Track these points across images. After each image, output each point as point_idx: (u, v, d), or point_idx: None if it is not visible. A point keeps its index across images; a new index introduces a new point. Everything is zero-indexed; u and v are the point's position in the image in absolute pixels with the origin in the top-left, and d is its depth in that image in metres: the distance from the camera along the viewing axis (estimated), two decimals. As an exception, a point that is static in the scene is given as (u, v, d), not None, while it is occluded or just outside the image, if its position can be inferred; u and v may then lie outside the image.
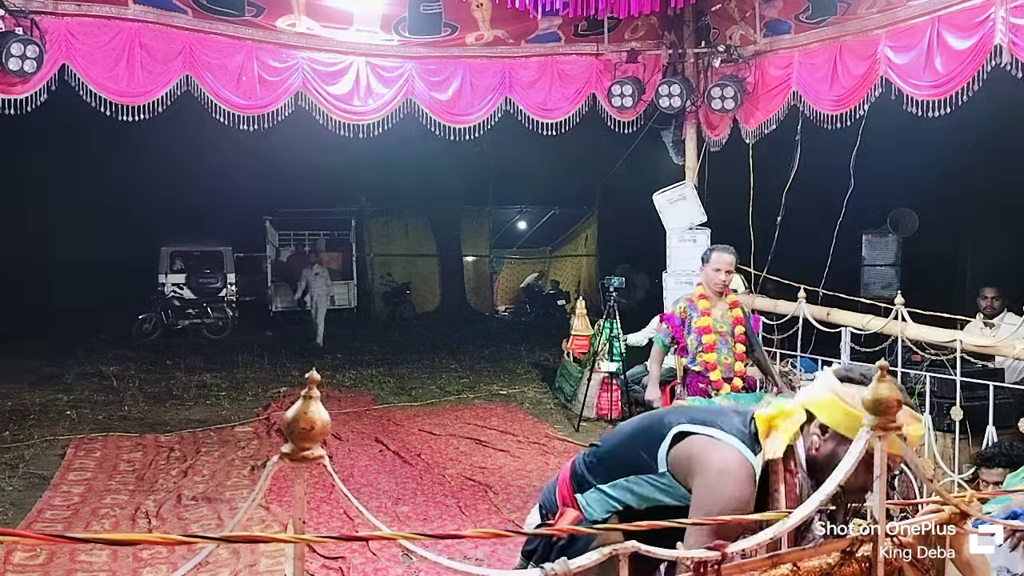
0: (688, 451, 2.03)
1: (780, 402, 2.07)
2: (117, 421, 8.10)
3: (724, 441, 2.00)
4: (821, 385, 2.02)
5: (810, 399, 2.02)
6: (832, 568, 1.70)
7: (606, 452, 2.26)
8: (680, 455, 2.04)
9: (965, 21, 5.06)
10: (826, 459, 1.95)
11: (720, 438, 2.01)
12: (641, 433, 2.19)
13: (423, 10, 6.47)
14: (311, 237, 18.58)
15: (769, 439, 1.99)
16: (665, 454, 2.06)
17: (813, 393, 2.03)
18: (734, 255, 5.13)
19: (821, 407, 1.98)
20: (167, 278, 15.40)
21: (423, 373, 11.02)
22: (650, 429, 2.16)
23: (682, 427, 2.06)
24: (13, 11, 5.44)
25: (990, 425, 4.45)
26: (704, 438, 2.02)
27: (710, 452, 1.99)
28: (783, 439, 1.97)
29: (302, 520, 1.31)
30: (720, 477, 1.95)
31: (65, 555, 4.50)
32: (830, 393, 1.96)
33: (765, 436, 2.00)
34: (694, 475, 2.00)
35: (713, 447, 2.00)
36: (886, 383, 1.66)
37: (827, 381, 2.00)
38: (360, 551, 4.58)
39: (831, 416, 1.95)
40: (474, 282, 20.16)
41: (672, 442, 2.06)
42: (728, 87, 6.56)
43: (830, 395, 1.96)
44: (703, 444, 2.01)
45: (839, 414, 1.94)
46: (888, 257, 13.04)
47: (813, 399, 2.01)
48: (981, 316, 6.19)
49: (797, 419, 1.99)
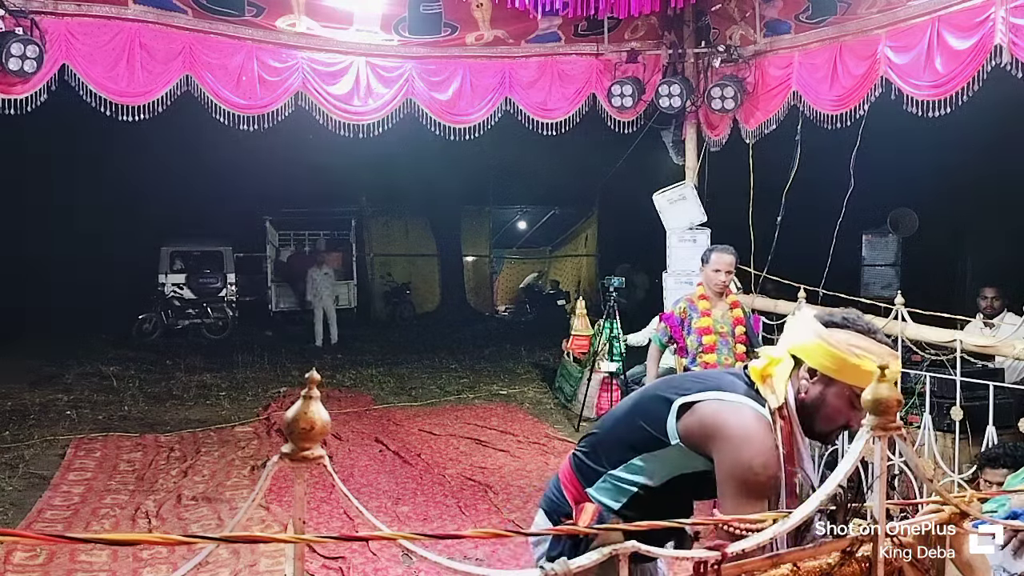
0: (700, 419, 2.01)
1: (769, 351, 2.08)
2: (117, 421, 8.10)
3: (733, 401, 2.00)
4: (805, 330, 2.04)
5: (796, 345, 2.04)
6: (832, 568, 1.70)
7: (606, 438, 2.22)
8: (692, 424, 2.02)
9: (965, 21, 5.06)
10: (815, 402, 2.02)
11: (728, 399, 2.00)
12: (640, 411, 2.15)
13: (423, 10, 6.47)
14: (311, 237, 18.59)
15: (767, 388, 2.01)
16: (675, 426, 2.04)
17: (798, 338, 2.04)
18: (734, 255, 5.13)
19: (809, 352, 2.01)
20: (167, 278, 15.41)
21: (423, 373, 11.02)
22: (650, 405, 2.13)
23: (685, 398, 2.04)
24: (13, 11, 5.44)
25: (990, 425, 4.45)
26: (713, 403, 2.01)
27: (724, 415, 1.98)
28: (781, 386, 1.99)
29: (302, 520, 1.31)
30: (743, 438, 1.94)
31: (65, 555, 4.50)
32: (816, 338, 2.00)
33: (762, 384, 2.03)
34: (714, 440, 1.98)
35: (726, 409, 1.99)
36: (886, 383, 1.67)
37: (812, 326, 2.03)
38: (360, 551, 4.58)
39: (819, 360, 1.99)
40: (474, 282, 20.16)
41: (679, 413, 2.04)
42: (728, 87, 6.56)
43: (817, 340, 1.99)
44: (714, 409, 2.00)
45: (827, 358, 1.97)
46: (888, 257, 13.06)
47: (800, 344, 2.03)
48: (981, 316, 6.20)
49: (787, 365, 2.02)
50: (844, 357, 1.94)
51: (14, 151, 13.07)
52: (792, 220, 6.66)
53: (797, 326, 2.09)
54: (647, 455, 2.08)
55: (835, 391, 1.98)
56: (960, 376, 4.66)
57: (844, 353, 1.95)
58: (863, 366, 1.93)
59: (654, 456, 2.08)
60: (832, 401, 2.00)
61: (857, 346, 1.96)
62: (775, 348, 2.10)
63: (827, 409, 2.01)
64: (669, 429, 2.04)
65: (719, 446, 1.96)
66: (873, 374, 1.91)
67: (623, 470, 2.12)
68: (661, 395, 2.11)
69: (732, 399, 2.00)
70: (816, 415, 2.01)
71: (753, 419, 1.96)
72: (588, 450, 2.24)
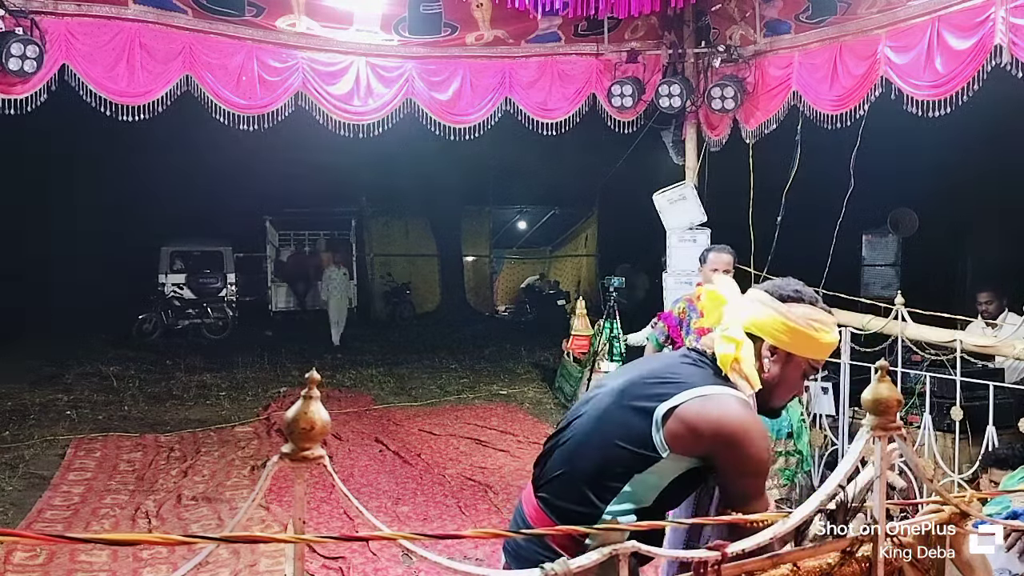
0: (686, 422, 1.88)
1: (729, 335, 1.97)
2: (117, 421, 8.11)
3: (714, 395, 1.90)
4: (760, 307, 1.99)
5: (752, 323, 1.98)
6: (832, 568, 1.70)
7: (580, 473, 1.95)
8: (678, 430, 1.88)
9: (965, 21, 5.06)
10: (773, 380, 1.99)
11: (708, 393, 1.90)
12: (613, 431, 1.94)
13: (423, 10, 6.47)
14: (311, 237, 18.60)
15: (739, 376, 1.94)
16: (661, 437, 1.89)
17: (754, 316, 1.99)
18: (732, 255, 5.12)
19: (768, 329, 1.97)
20: (167, 278, 15.42)
21: (423, 373, 11.03)
22: (624, 420, 1.94)
23: (665, 405, 1.90)
24: (13, 11, 5.44)
25: (990, 425, 4.46)
26: (695, 403, 1.89)
27: (710, 412, 1.88)
28: (753, 372, 1.95)
29: (302, 520, 1.31)
30: (742, 432, 1.86)
31: (65, 555, 4.50)
32: (775, 314, 1.97)
33: (733, 372, 1.95)
34: (709, 441, 1.87)
35: (710, 407, 1.88)
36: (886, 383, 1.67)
37: (767, 302, 1.99)
38: (360, 551, 4.58)
39: (780, 337, 1.97)
40: (474, 282, 20.16)
41: (662, 422, 1.90)
42: (728, 87, 6.56)
43: (775, 315, 1.97)
44: (699, 409, 1.88)
45: (789, 334, 1.96)
46: (888, 257, 13.05)
47: (757, 322, 1.98)
48: (982, 318, 6.20)
49: (749, 347, 1.96)
50: (804, 332, 1.95)
51: (14, 151, 13.07)
52: (792, 220, 6.66)
53: (748, 304, 2.03)
54: (636, 478, 1.91)
55: (792, 365, 1.99)
56: (960, 376, 4.66)
57: (804, 328, 1.95)
58: (822, 339, 1.96)
59: (643, 477, 1.91)
60: (790, 375, 2.00)
61: (815, 319, 1.96)
62: (731, 330, 1.99)
63: (786, 384, 2.01)
64: (656, 442, 1.89)
65: (718, 446, 1.88)
66: (829, 345, 1.99)
67: (620, 501, 1.92)
68: (633, 406, 1.94)
69: (711, 392, 1.90)
70: (775, 392, 2.01)
71: (740, 408, 1.89)
72: (565, 491, 1.97)
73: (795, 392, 2.05)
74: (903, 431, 1.71)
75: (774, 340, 1.98)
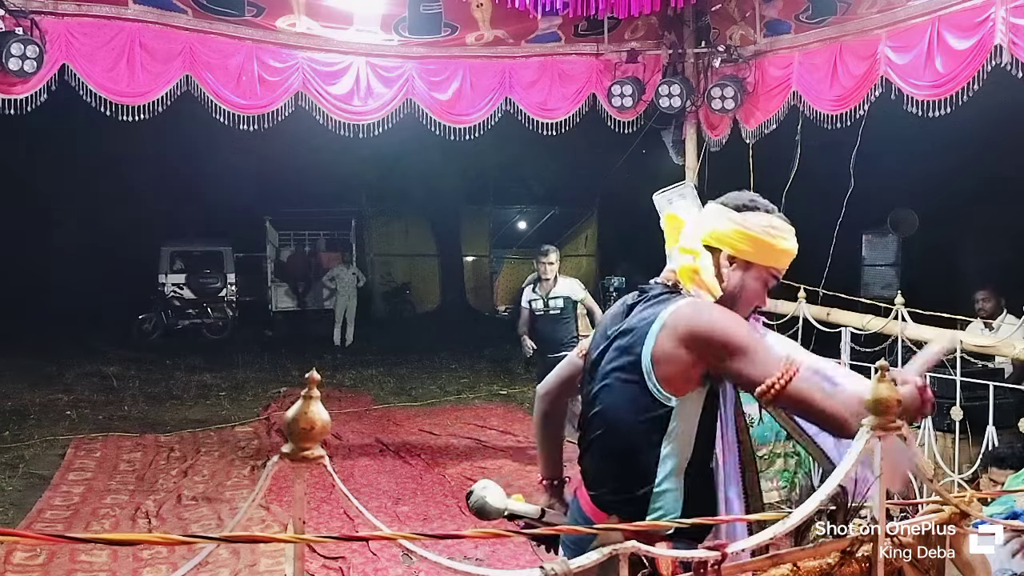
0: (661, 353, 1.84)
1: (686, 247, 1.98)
2: (117, 421, 8.11)
3: (671, 311, 1.87)
4: (715, 218, 2.00)
5: (710, 235, 1.99)
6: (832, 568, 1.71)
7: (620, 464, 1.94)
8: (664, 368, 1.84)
9: (965, 21, 5.05)
10: (734, 290, 1.99)
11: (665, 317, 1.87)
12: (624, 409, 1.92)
13: (423, 10, 6.46)
14: (311, 237, 18.58)
15: (699, 286, 1.93)
16: (659, 390, 1.86)
17: (711, 227, 1.99)
18: None
19: (726, 239, 1.98)
20: (167, 278, 15.41)
21: (423, 373, 11.03)
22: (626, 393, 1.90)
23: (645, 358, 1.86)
24: (13, 11, 5.43)
25: (990, 425, 4.46)
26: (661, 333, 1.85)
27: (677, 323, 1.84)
28: (713, 279, 1.94)
29: (302, 520, 1.31)
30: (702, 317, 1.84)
31: (65, 555, 4.50)
32: (732, 224, 1.98)
33: (693, 284, 1.94)
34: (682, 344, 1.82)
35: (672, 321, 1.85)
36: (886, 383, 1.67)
37: (725, 213, 2.00)
38: (360, 551, 4.59)
39: (738, 246, 1.98)
40: (474, 282, 20.15)
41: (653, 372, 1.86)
42: (728, 87, 6.56)
43: (733, 226, 1.98)
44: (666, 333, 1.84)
45: (746, 242, 1.97)
46: (888, 257, 13.05)
47: (714, 233, 1.99)
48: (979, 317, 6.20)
49: (707, 256, 1.97)
50: (762, 239, 1.97)
51: (14, 151, 13.08)
52: (792, 220, 6.65)
53: (705, 216, 2.04)
54: (665, 441, 1.88)
55: (753, 274, 2.00)
56: (960, 376, 4.66)
57: (761, 235, 1.97)
58: (779, 245, 1.99)
59: (671, 433, 1.87)
60: (750, 285, 2.00)
61: (771, 226, 1.99)
62: (688, 242, 2.00)
63: (746, 294, 2.00)
64: (660, 396, 1.86)
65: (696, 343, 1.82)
66: (788, 252, 2.02)
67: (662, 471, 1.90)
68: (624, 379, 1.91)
69: (668, 312, 1.87)
70: (737, 302, 1.99)
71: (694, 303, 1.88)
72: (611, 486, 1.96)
73: (757, 303, 2.04)
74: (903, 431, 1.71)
75: (732, 249, 1.98)
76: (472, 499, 2.29)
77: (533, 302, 6.88)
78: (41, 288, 15.19)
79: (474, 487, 2.31)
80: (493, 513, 2.26)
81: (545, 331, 6.83)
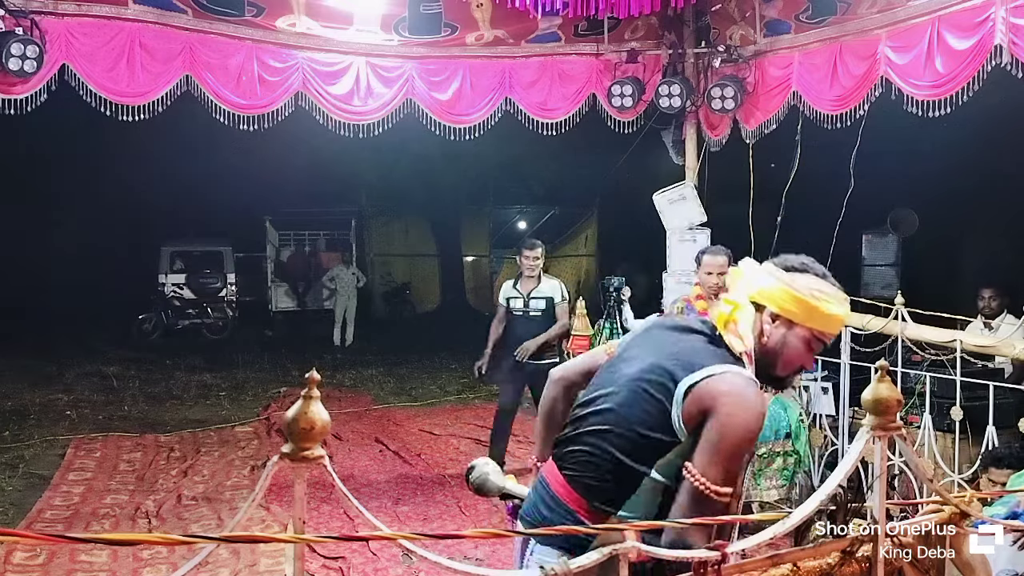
0: (698, 402, 1.89)
1: (730, 298, 2.06)
2: (117, 421, 8.11)
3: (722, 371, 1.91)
4: (766, 277, 2.06)
5: (757, 291, 2.05)
6: (832, 568, 1.71)
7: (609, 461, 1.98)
8: (691, 411, 1.90)
9: (965, 21, 5.05)
10: (776, 346, 2.03)
11: (718, 371, 1.91)
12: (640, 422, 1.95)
13: (423, 10, 6.46)
14: (311, 237, 18.58)
15: (732, 334, 2.00)
16: (680, 424, 1.91)
17: (759, 285, 2.05)
18: (727, 256, 5.13)
19: (772, 297, 2.03)
20: (167, 278, 15.42)
21: (423, 373, 11.03)
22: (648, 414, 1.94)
23: (682, 388, 1.91)
24: (13, 11, 5.43)
25: (990, 425, 4.46)
26: (707, 381, 1.89)
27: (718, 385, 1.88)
28: (748, 332, 2.00)
29: (302, 520, 1.31)
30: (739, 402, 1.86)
31: (65, 555, 4.50)
32: (780, 283, 2.02)
33: (726, 330, 2.01)
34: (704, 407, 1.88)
35: (719, 381, 1.89)
36: (886, 383, 1.67)
37: (773, 272, 2.05)
38: (360, 551, 4.59)
39: (783, 305, 2.01)
40: (474, 282, 20.15)
41: (682, 404, 1.91)
42: (728, 87, 6.55)
43: (779, 284, 2.02)
44: (708, 386, 1.89)
45: (792, 303, 2.01)
46: (888, 257, 13.04)
47: (761, 290, 2.04)
48: (981, 317, 6.20)
49: (749, 312, 2.03)
50: (807, 301, 1.99)
51: (14, 151, 13.07)
52: (792, 220, 6.66)
53: (755, 274, 2.09)
54: (660, 461, 1.93)
55: (796, 334, 2.02)
56: (960, 376, 4.66)
57: (807, 297, 1.99)
58: (824, 309, 2.00)
59: (667, 459, 1.93)
60: (793, 344, 2.03)
61: (818, 289, 2.01)
62: (734, 295, 2.07)
63: (789, 353, 2.04)
64: (676, 427, 1.91)
65: (712, 411, 1.87)
66: (835, 317, 2.03)
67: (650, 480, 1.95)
68: (652, 394, 1.95)
69: (722, 370, 1.91)
70: (778, 360, 2.04)
71: (744, 383, 1.91)
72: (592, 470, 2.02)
73: (800, 364, 2.07)
74: (903, 431, 1.71)
75: (777, 307, 2.03)
76: (474, 474, 2.40)
77: (512, 300, 6.37)
78: (41, 288, 15.18)
79: (475, 463, 2.43)
80: (492, 490, 2.39)
81: (522, 334, 6.26)
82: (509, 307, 6.38)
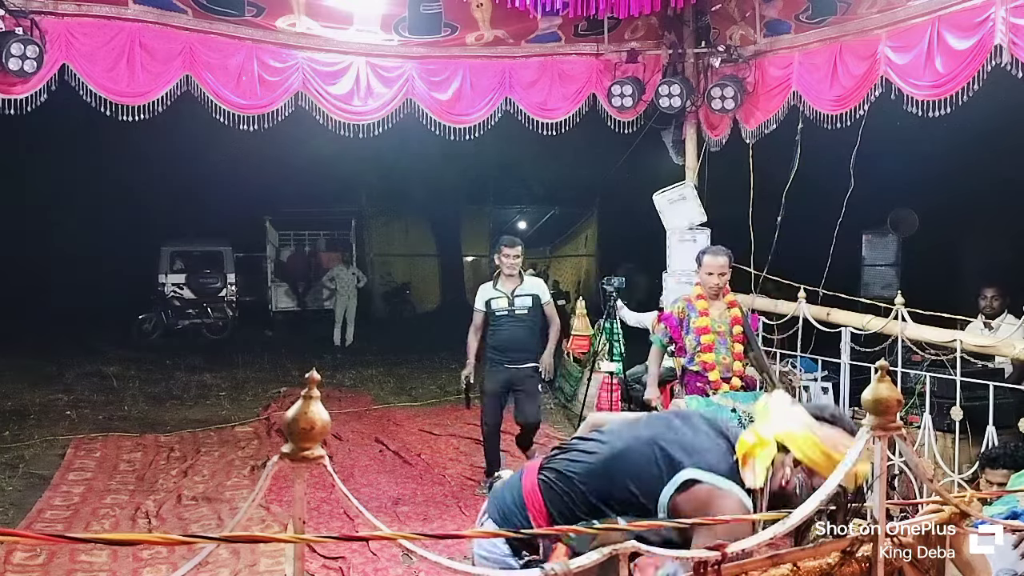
0: (694, 504, 2.02)
1: (758, 431, 2.10)
2: (117, 421, 8.10)
3: (727, 490, 2.03)
4: (795, 420, 2.09)
5: (786, 433, 2.07)
6: (832, 568, 1.71)
7: (584, 486, 2.18)
8: (684, 506, 2.03)
9: (965, 21, 5.05)
10: (793, 491, 2.06)
11: (723, 487, 2.03)
12: (629, 470, 2.13)
13: (423, 10, 6.46)
14: (311, 237, 18.59)
15: (748, 468, 2.05)
16: (667, 501, 2.06)
17: (787, 426, 2.08)
18: (728, 256, 5.13)
19: (798, 443, 2.06)
20: (167, 278, 15.41)
21: (423, 373, 11.02)
22: (642, 465, 2.11)
23: (687, 474, 2.05)
24: (13, 11, 5.43)
25: (990, 425, 4.46)
26: (709, 489, 2.03)
27: (715, 505, 2.01)
28: (761, 471, 2.04)
29: (302, 520, 1.31)
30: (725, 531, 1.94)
31: (65, 555, 4.50)
32: (807, 431, 2.06)
33: (743, 463, 2.06)
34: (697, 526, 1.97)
35: (718, 499, 2.02)
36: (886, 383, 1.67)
37: (802, 418, 2.10)
38: (360, 551, 4.58)
39: (808, 454, 2.05)
40: (474, 282, 20.09)
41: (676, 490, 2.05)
42: (728, 87, 6.55)
43: (808, 432, 2.06)
44: (707, 497, 2.02)
45: (817, 454, 2.04)
46: (888, 257, 13.03)
47: (789, 433, 2.07)
48: (981, 317, 6.20)
49: (771, 450, 2.06)
50: (829, 452, 2.02)
51: (14, 151, 13.07)
52: (792, 220, 6.66)
53: (785, 414, 2.12)
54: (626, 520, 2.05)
55: (814, 483, 2.03)
56: (960, 376, 4.66)
57: (829, 449, 2.03)
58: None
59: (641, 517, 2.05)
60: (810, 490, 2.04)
61: (843, 444, 2.02)
62: (762, 428, 2.11)
63: (804, 497, 2.02)
64: (662, 504, 2.06)
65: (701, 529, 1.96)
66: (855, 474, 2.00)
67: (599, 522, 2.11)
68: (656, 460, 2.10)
69: (725, 486, 2.03)
70: (792, 502, 2.03)
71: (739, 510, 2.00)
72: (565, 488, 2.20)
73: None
74: (903, 431, 1.71)
75: (799, 453, 2.06)
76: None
77: (495, 301, 5.92)
78: (41, 288, 15.18)
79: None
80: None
81: (510, 336, 5.91)
82: (491, 309, 5.97)
